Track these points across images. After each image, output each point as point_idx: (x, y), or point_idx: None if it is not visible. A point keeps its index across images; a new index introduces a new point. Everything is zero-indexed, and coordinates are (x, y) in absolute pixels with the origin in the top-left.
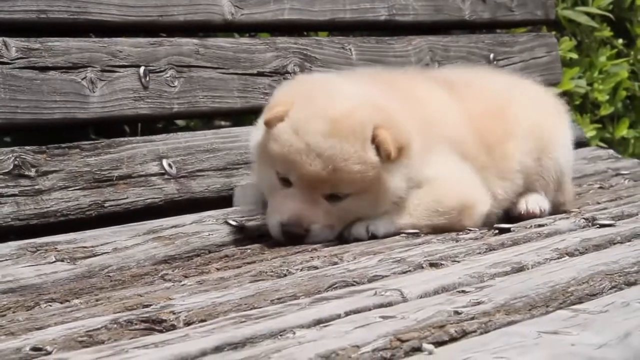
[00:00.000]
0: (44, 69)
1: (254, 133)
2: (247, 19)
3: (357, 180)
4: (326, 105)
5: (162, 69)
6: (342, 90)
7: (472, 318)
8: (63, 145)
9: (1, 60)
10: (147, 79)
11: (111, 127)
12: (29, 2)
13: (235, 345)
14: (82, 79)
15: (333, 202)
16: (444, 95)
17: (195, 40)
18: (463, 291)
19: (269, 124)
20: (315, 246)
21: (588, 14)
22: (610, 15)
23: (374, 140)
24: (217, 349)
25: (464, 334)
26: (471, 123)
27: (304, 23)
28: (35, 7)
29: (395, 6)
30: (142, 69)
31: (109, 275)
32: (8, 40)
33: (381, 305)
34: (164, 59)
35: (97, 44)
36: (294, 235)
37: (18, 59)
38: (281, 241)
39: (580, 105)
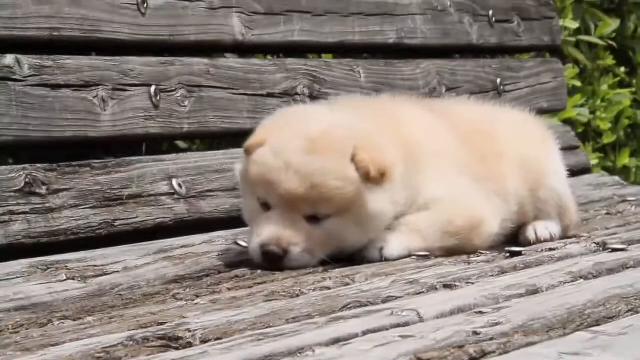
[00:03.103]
0: (56, 86)
1: (238, 164)
2: (257, 40)
3: (336, 198)
4: (304, 127)
5: (172, 89)
6: (320, 115)
7: (491, 339)
8: (74, 163)
9: (14, 77)
10: (158, 98)
11: (119, 147)
12: (42, 20)
13: None
14: (94, 97)
15: (314, 224)
16: (427, 114)
17: (206, 60)
18: (480, 312)
19: (248, 151)
20: (325, 267)
21: (590, 43)
22: (613, 44)
23: (354, 159)
24: None
25: (484, 355)
26: (459, 139)
27: (313, 45)
28: (48, 25)
29: (404, 29)
30: (153, 88)
31: (120, 294)
32: (21, 57)
33: (398, 325)
34: (175, 78)
35: (109, 62)
36: (272, 256)
37: (30, 76)
38: (261, 265)
39: (583, 133)
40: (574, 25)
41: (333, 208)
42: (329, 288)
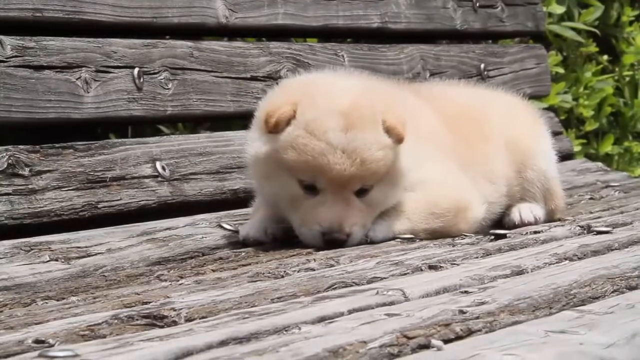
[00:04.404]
0: (39, 68)
1: (251, 145)
2: (241, 23)
3: (381, 167)
4: (331, 101)
5: (156, 71)
6: (338, 84)
7: (477, 317)
8: (57, 145)
9: None
10: (141, 80)
11: (102, 129)
12: (25, 1)
13: (241, 340)
14: (77, 79)
15: (362, 197)
16: (415, 99)
17: (189, 43)
18: (466, 292)
19: (276, 128)
20: (309, 249)
21: (574, 29)
22: (596, 31)
23: (384, 125)
24: (223, 343)
25: (470, 333)
26: (446, 122)
27: (297, 28)
28: (31, 6)
29: (388, 14)
30: (136, 71)
31: (103, 275)
32: (3, 38)
33: (384, 304)
34: (158, 60)
35: (92, 44)
36: (337, 242)
37: (13, 57)
38: (321, 248)
39: (566, 121)
40: (559, 10)
41: (378, 177)
42: (313, 269)
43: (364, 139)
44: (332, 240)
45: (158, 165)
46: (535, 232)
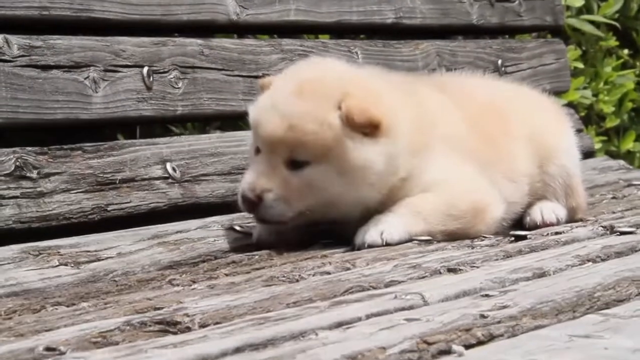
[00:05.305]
0: (46, 67)
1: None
2: (252, 20)
3: (313, 143)
4: (303, 72)
5: (166, 70)
6: (328, 64)
7: (499, 322)
8: (65, 146)
9: (3, 57)
10: (151, 79)
11: (110, 130)
12: None
13: (257, 347)
14: (85, 79)
15: (293, 172)
16: (439, 95)
17: (199, 41)
18: (487, 295)
19: (261, 87)
20: (325, 252)
21: (593, 22)
22: (616, 24)
23: (340, 103)
24: (238, 350)
25: (492, 338)
26: (469, 120)
27: (309, 24)
28: (38, 4)
29: (403, 9)
30: (145, 70)
31: (114, 280)
32: (10, 37)
33: (402, 309)
34: (168, 59)
35: (100, 42)
36: (247, 202)
37: (20, 56)
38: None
39: (586, 117)
40: (578, 3)
41: (311, 153)
42: (329, 273)
43: (303, 106)
44: (244, 199)
45: (168, 166)
46: (557, 233)
